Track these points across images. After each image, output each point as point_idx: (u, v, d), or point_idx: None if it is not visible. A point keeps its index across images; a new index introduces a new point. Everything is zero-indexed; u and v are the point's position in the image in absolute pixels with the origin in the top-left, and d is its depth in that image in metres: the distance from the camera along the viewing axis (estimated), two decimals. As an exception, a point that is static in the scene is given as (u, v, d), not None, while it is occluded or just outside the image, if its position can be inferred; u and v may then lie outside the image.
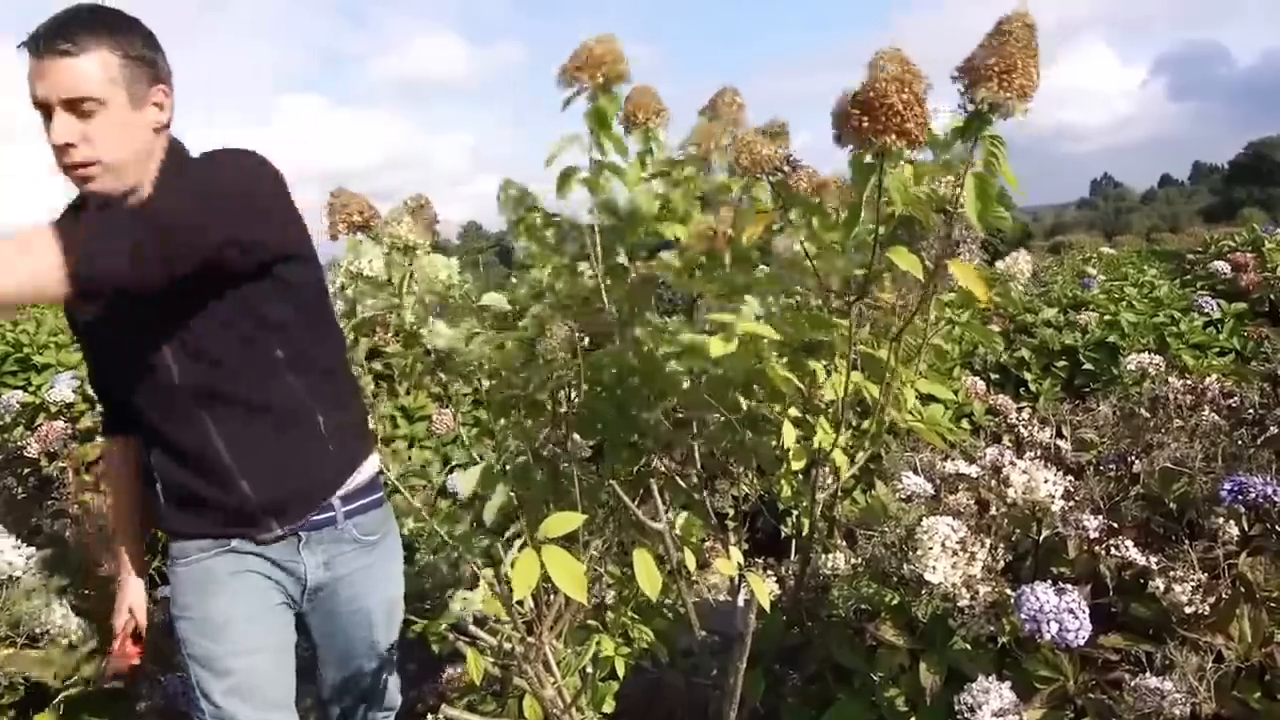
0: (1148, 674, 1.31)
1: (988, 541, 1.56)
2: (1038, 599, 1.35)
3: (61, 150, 1.25)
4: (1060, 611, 1.33)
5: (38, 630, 1.74)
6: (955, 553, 1.53)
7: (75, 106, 1.24)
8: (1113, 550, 1.48)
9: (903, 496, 1.89)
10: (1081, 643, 1.33)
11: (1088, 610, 1.34)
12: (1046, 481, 1.56)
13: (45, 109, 1.24)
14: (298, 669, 1.52)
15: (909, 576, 1.59)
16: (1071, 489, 1.58)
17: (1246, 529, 1.49)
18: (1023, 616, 1.35)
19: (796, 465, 1.75)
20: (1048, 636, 1.33)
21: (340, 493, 1.48)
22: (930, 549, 1.53)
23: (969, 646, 1.55)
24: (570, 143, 1.59)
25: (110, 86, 1.26)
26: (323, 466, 1.46)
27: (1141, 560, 1.47)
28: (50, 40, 1.22)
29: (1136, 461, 1.79)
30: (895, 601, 1.70)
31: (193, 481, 1.40)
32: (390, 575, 1.60)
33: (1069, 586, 1.37)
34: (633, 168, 1.72)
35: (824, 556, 2.10)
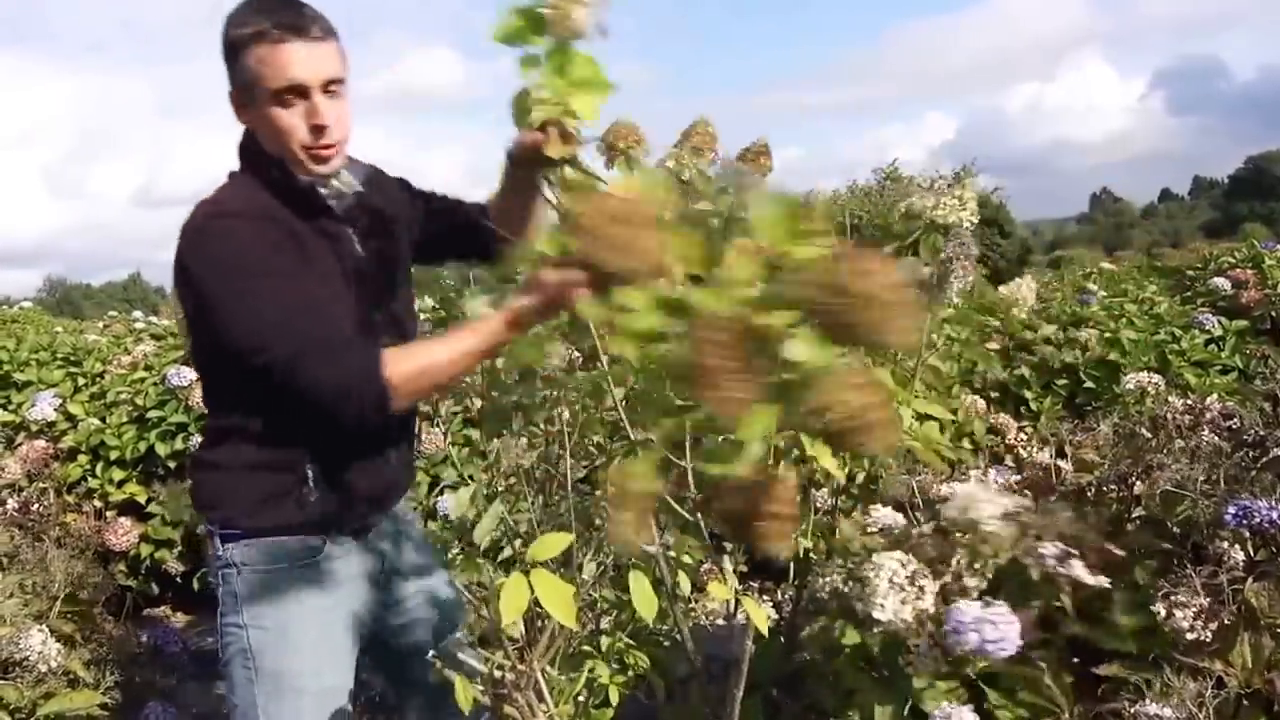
0: (1147, 701, 1.27)
1: (950, 569, 1.48)
2: (960, 612, 1.32)
3: (319, 131, 1.31)
4: (980, 622, 1.29)
5: (18, 657, 1.69)
6: (903, 588, 1.46)
7: (328, 88, 1.31)
8: (1060, 572, 1.39)
9: (873, 529, 1.84)
10: (1006, 654, 1.28)
11: (1014, 622, 1.29)
12: (988, 501, 1.45)
13: (300, 92, 1.29)
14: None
15: (861, 614, 1.52)
16: (1014, 509, 1.45)
17: (1252, 554, 1.46)
18: (946, 629, 1.32)
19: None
20: (969, 647, 1.29)
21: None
22: (877, 586, 1.46)
23: (932, 681, 1.49)
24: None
25: (346, 71, 1.35)
26: (413, 462, 1.63)
27: (1091, 580, 1.39)
28: (311, 25, 1.30)
29: (1138, 483, 1.76)
30: (855, 641, 1.65)
31: (360, 456, 1.42)
32: (423, 540, 1.65)
33: (997, 601, 1.32)
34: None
35: (821, 580, 2.06)
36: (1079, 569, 1.41)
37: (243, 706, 1.38)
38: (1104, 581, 1.39)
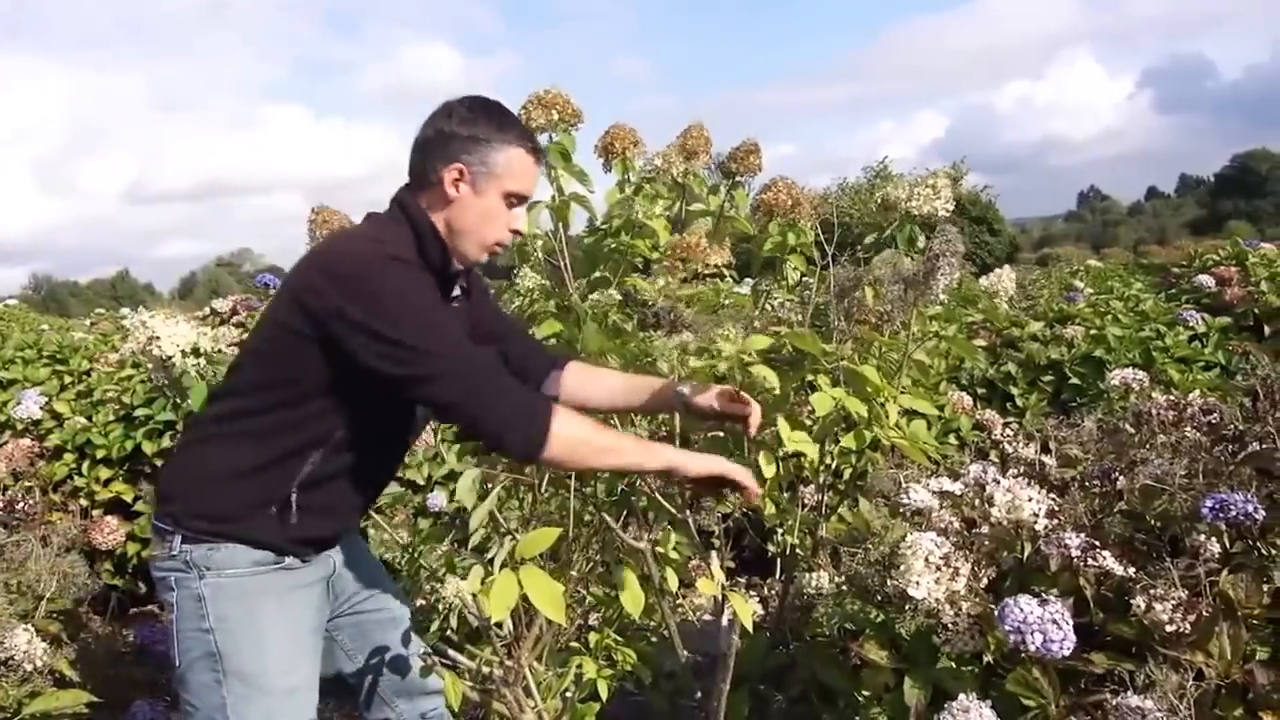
0: (1129, 693, 1.29)
1: (972, 557, 1.54)
2: (1021, 610, 1.34)
3: (511, 235, 1.50)
4: (1044, 622, 1.32)
5: (3, 656, 1.69)
6: (938, 568, 1.51)
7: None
8: (1090, 561, 1.46)
9: (909, 510, 1.85)
10: (1065, 654, 1.32)
11: (1071, 621, 1.33)
12: (1030, 500, 1.55)
13: (522, 201, 1.49)
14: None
15: (892, 593, 1.57)
16: (1055, 507, 1.56)
17: (1228, 546, 1.48)
18: (1006, 628, 1.34)
19: (767, 471, 1.76)
20: (1033, 648, 1.32)
21: None
22: (913, 564, 1.51)
23: (953, 665, 1.53)
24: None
25: None
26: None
27: (1119, 570, 1.45)
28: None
29: (1120, 478, 1.78)
30: (879, 619, 1.69)
31: (355, 493, 1.50)
32: (362, 543, 1.71)
33: (1052, 597, 1.36)
34: (610, 194, 1.82)
35: (808, 575, 2.08)
36: (1109, 560, 1.46)
37: (206, 710, 1.37)
38: (1131, 571, 1.43)
